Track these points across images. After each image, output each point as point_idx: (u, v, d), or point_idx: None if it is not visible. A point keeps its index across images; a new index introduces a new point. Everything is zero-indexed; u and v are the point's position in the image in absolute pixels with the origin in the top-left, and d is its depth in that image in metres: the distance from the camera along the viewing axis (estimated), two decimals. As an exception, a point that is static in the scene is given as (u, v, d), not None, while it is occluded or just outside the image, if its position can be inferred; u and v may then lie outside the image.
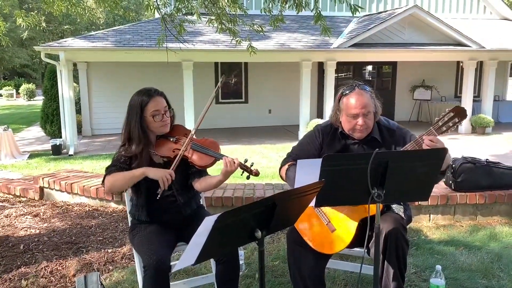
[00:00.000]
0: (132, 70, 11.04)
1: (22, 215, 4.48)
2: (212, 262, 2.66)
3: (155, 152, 2.46)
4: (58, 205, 4.78)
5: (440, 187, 4.32)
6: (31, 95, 25.66)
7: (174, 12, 5.27)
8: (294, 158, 2.59)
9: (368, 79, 13.25)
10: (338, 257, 3.08)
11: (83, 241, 3.81)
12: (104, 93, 11.25)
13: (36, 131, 12.27)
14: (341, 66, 11.87)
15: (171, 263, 2.26)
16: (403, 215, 2.46)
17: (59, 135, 9.52)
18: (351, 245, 2.44)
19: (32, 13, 5.76)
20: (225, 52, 9.41)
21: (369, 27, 10.00)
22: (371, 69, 13.42)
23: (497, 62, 10.94)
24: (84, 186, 4.73)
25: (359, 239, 2.39)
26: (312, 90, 10.68)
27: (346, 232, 2.40)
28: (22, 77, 33.96)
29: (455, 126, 2.25)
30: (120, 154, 2.46)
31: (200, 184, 2.51)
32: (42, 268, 3.24)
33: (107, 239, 3.85)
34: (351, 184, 1.97)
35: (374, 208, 2.01)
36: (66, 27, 28.71)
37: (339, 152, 2.53)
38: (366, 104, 2.40)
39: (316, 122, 9.68)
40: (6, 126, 8.75)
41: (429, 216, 4.24)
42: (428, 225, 4.16)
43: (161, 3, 5.55)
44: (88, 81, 11.24)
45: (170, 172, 2.34)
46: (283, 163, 2.67)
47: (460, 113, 2.22)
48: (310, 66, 10.05)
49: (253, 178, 2.47)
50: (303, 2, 4.76)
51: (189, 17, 6.23)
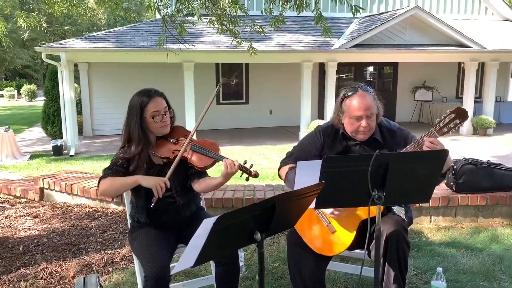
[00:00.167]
0: (133, 70, 11.04)
1: (22, 216, 4.47)
2: (212, 264, 2.65)
3: (155, 153, 2.45)
4: (58, 206, 4.77)
5: (441, 189, 4.30)
6: (32, 96, 25.73)
7: (175, 13, 5.27)
8: (294, 159, 2.58)
9: (369, 80, 13.25)
10: (338, 259, 3.07)
11: (83, 242, 3.80)
12: (105, 94, 11.26)
13: (37, 131, 12.27)
14: (342, 67, 11.86)
15: (171, 264, 2.25)
16: (404, 217, 2.45)
17: (60, 136, 9.52)
18: (352, 247, 2.43)
19: (33, 14, 5.76)
20: (226, 53, 9.41)
21: (370, 28, 9.98)
22: (372, 70, 13.41)
23: (499, 63, 10.92)
24: (84, 187, 4.72)
25: (359, 241, 2.37)
26: (313, 91, 10.68)
27: (346, 234, 2.39)
28: (23, 78, 34.03)
29: (456, 128, 2.24)
30: (118, 157, 2.45)
31: (199, 185, 2.49)
32: (41, 270, 3.23)
33: (107, 241, 3.83)
34: (352, 186, 1.96)
35: (374, 210, 1.99)
36: (67, 27, 28.73)
37: (340, 153, 2.52)
38: (369, 106, 2.38)
39: (317, 123, 9.67)
40: (7, 126, 8.76)
41: (430, 218, 4.22)
42: (429, 226, 4.15)
43: (161, 4, 5.55)
44: (89, 82, 11.25)
45: (165, 180, 2.29)
46: (283, 163, 2.65)
47: (461, 115, 2.21)
48: (311, 67, 10.04)
49: (253, 179, 2.46)
50: (304, 2, 4.75)
51: (190, 18, 6.22)
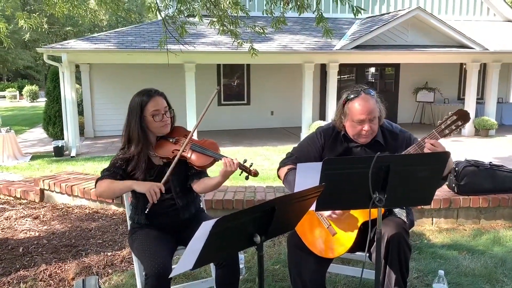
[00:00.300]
0: (134, 71, 11.04)
1: (22, 217, 4.46)
2: (212, 266, 2.64)
3: (155, 154, 2.44)
4: (58, 207, 4.76)
5: (443, 190, 4.28)
6: (34, 96, 25.79)
7: (176, 14, 5.26)
8: (294, 160, 2.56)
9: (370, 81, 13.23)
10: (339, 261, 3.05)
11: (83, 244, 3.78)
12: (106, 95, 11.26)
13: (38, 132, 12.28)
14: (343, 68, 11.85)
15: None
16: (405, 219, 2.43)
17: (61, 137, 9.52)
18: (353, 249, 2.41)
19: (34, 15, 5.75)
20: (227, 54, 9.40)
21: (371, 29, 9.96)
22: (374, 71, 13.38)
23: (501, 64, 10.89)
24: (84, 188, 4.71)
25: (360, 243, 2.35)
26: (314, 92, 10.66)
27: (347, 236, 2.37)
28: (25, 78, 34.11)
29: (458, 129, 2.22)
30: (116, 158, 2.45)
31: (198, 186, 2.48)
32: (41, 272, 3.22)
33: (107, 242, 3.82)
34: (352, 188, 1.94)
35: (375, 213, 1.98)
36: (68, 28, 28.77)
37: (341, 155, 2.49)
38: (372, 110, 2.36)
39: (318, 124, 9.65)
40: (8, 127, 8.76)
41: (432, 220, 4.20)
42: (431, 228, 4.12)
43: (162, 5, 5.54)
44: (91, 83, 11.25)
45: (159, 185, 2.28)
46: (282, 164, 2.63)
47: (463, 116, 2.19)
48: (312, 68, 10.03)
49: (254, 180, 2.46)
50: (305, 3, 4.73)
51: (191, 19, 6.21)
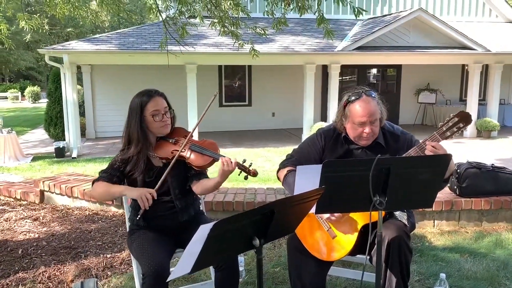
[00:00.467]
0: (136, 73, 11.03)
1: (22, 218, 4.45)
2: (212, 269, 2.62)
3: (155, 154, 2.43)
4: (58, 209, 4.75)
5: (444, 193, 4.25)
6: (36, 97, 25.83)
7: (177, 15, 5.25)
8: (294, 162, 2.54)
9: (372, 82, 13.20)
10: (340, 264, 3.03)
11: (82, 245, 3.77)
12: (108, 96, 11.25)
13: (40, 133, 12.28)
14: (345, 69, 11.82)
15: (170, 269, 2.22)
16: (406, 222, 2.40)
17: (62, 138, 9.51)
18: (353, 252, 2.39)
19: (35, 16, 5.75)
20: (229, 55, 9.39)
21: (373, 30, 9.94)
22: (375, 72, 13.35)
23: (503, 65, 10.84)
24: (84, 189, 4.70)
25: (361, 246, 2.33)
26: (316, 93, 10.63)
27: (347, 239, 2.35)
28: (27, 79, 34.15)
29: (460, 132, 2.20)
30: (115, 159, 2.45)
31: (198, 187, 2.46)
32: (40, 274, 3.21)
33: (106, 244, 3.81)
34: (352, 191, 1.92)
35: (376, 215, 1.95)
36: (69, 29, 28.80)
37: (342, 157, 2.47)
38: (373, 112, 2.33)
39: (319, 125, 9.63)
40: (10, 128, 8.76)
41: (434, 222, 4.17)
42: (432, 231, 4.10)
43: (163, 6, 5.53)
44: (92, 84, 11.25)
45: (151, 191, 2.27)
46: (282, 166, 2.61)
47: (465, 118, 2.17)
48: (314, 69, 10.00)
49: (255, 182, 2.44)
50: (306, 4, 4.71)
51: (192, 20, 6.20)
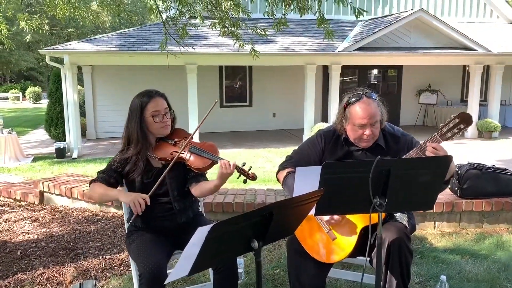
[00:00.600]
0: (136, 73, 11.02)
1: (21, 219, 4.44)
2: (211, 270, 2.60)
3: (154, 156, 2.41)
4: (57, 209, 4.74)
5: (445, 194, 4.23)
6: (37, 98, 25.83)
7: (177, 15, 5.23)
8: (293, 163, 2.52)
9: (373, 83, 13.17)
10: (340, 266, 3.01)
11: (81, 247, 3.75)
12: (108, 96, 11.24)
13: (40, 134, 12.28)
14: (346, 70, 11.80)
15: (168, 271, 2.20)
16: (407, 224, 2.38)
17: (63, 138, 9.51)
18: (354, 254, 2.37)
19: (35, 16, 5.74)
20: (229, 55, 9.37)
21: (374, 31, 9.92)
22: (376, 73, 13.33)
23: (504, 66, 10.81)
24: (84, 190, 4.68)
25: (361, 248, 2.31)
26: (316, 94, 10.61)
27: (347, 241, 2.33)
28: (28, 80, 34.17)
29: (460, 133, 2.18)
30: (114, 160, 2.44)
31: (196, 190, 2.45)
32: (38, 275, 3.19)
33: (106, 245, 3.79)
34: (352, 193, 1.91)
35: (376, 217, 1.94)
36: (69, 30, 28.81)
37: (341, 158, 2.46)
38: (373, 114, 2.32)
39: (320, 126, 9.62)
40: (10, 129, 8.76)
41: (434, 223, 4.15)
42: (433, 232, 4.08)
43: (163, 7, 5.52)
44: (93, 84, 11.24)
45: (144, 197, 2.24)
46: (281, 167, 2.60)
47: (466, 119, 2.15)
48: (314, 69, 9.98)
49: (255, 183, 2.41)
50: (306, 5, 4.70)
51: (192, 20, 6.19)
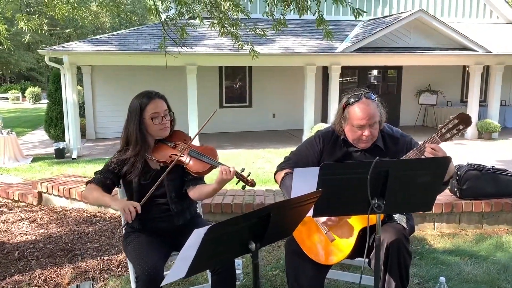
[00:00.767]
0: (136, 73, 11.01)
1: (19, 220, 4.43)
2: (208, 272, 2.59)
3: (152, 157, 2.40)
4: (56, 210, 4.73)
5: (445, 195, 4.22)
6: (36, 98, 25.83)
7: (176, 16, 5.23)
8: (291, 164, 2.51)
9: (373, 83, 13.16)
10: (339, 267, 2.99)
11: (79, 248, 3.74)
12: (108, 97, 11.23)
13: (40, 134, 12.27)
14: (346, 70, 11.79)
15: (165, 273, 2.19)
16: (406, 225, 2.37)
17: (63, 139, 9.50)
18: (352, 255, 2.36)
19: (34, 16, 5.73)
20: (229, 56, 9.36)
21: (374, 31, 9.91)
22: (376, 74, 13.32)
23: (504, 66, 10.80)
24: (82, 191, 4.67)
25: (360, 249, 2.30)
26: (316, 94, 10.61)
27: (345, 242, 2.32)
28: (28, 80, 34.16)
29: (459, 133, 2.17)
30: (111, 161, 2.43)
31: (194, 193, 2.43)
32: (36, 276, 3.18)
33: (104, 246, 3.78)
34: (350, 194, 1.90)
35: (374, 218, 1.93)
36: (69, 30, 28.80)
37: (340, 159, 2.44)
38: (372, 115, 2.30)
39: (320, 126, 9.61)
40: (10, 129, 8.75)
41: (434, 224, 4.14)
42: (433, 233, 4.06)
43: (163, 7, 5.52)
44: (92, 85, 11.23)
45: (135, 204, 2.22)
46: (279, 168, 2.59)
47: (465, 120, 2.15)
48: (314, 70, 9.97)
49: None
50: (306, 5, 4.69)
51: (192, 21, 6.18)
